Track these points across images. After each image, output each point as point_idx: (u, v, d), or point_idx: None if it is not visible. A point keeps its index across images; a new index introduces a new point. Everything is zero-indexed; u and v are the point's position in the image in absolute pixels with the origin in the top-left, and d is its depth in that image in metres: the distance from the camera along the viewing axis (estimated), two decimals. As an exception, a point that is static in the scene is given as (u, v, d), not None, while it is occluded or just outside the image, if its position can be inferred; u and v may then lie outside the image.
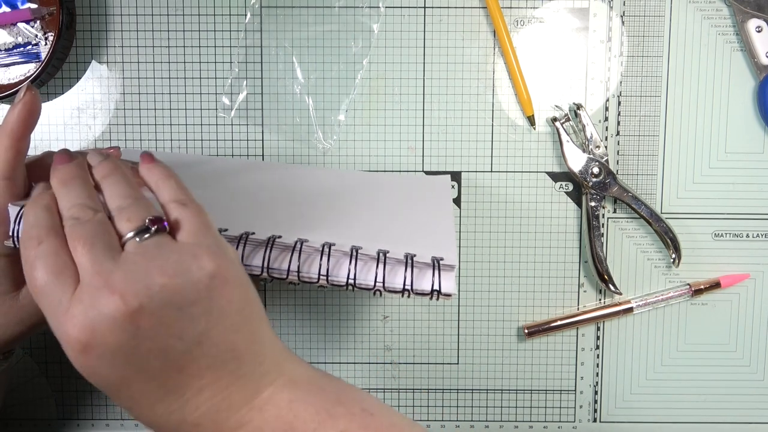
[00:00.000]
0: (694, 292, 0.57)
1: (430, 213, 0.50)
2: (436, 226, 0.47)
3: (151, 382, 0.35)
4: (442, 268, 0.41)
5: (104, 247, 0.35)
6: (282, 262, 0.42)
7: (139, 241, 0.35)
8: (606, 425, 0.59)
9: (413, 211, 0.50)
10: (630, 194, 0.56)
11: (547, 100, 0.57)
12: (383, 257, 0.41)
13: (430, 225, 0.48)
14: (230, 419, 0.36)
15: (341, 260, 0.42)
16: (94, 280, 0.34)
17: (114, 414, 0.59)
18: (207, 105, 0.57)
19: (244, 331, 0.37)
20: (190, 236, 0.36)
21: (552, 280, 0.58)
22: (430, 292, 0.41)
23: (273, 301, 0.59)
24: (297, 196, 0.51)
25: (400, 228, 0.47)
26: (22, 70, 0.54)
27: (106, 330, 0.33)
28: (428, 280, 0.41)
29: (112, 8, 0.56)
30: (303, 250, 0.42)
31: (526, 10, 0.56)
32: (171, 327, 0.34)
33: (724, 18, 0.56)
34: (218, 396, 0.36)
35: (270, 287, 0.59)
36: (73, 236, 0.35)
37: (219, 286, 0.35)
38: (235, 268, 0.37)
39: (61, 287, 0.34)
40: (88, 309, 0.33)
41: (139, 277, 0.34)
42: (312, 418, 0.37)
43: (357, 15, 0.56)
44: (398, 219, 0.48)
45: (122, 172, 0.40)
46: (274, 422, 0.37)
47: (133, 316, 0.33)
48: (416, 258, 0.41)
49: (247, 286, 0.38)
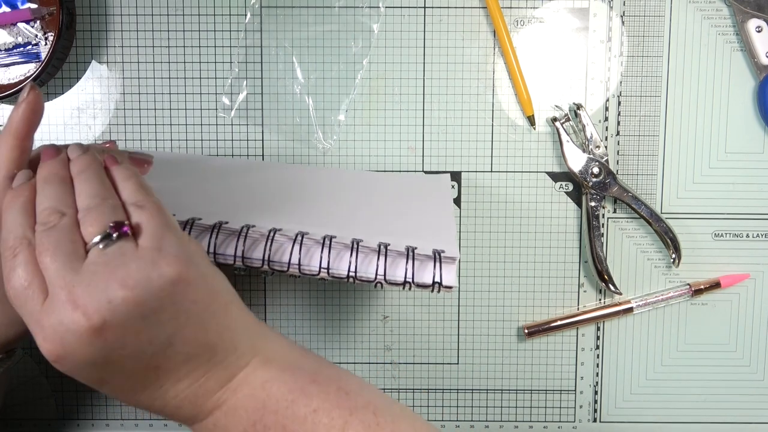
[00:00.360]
0: (694, 292, 0.57)
1: (430, 208, 0.50)
2: (437, 220, 0.47)
3: (129, 379, 0.36)
4: (443, 260, 0.41)
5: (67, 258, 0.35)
6: (283, 254, 0.42)
7: (102, 248, 0.35)
8: (606, 425, 0.59)
9: (413, 206, 0.50)
10: (630, 194, 0.56)
11: (547, 100, 0.57)
12: (384, 249, 0.41)
13: (431, 219, 0.48)
14: (208, 402, 0.38)
15: (342, 253, 0.42)
16: (59, 293, 0.34)
17: (114, 414, 0.59)
18: (207, 105, 0.57)
19: (213, 324, 0.37)
20: (148, 240, 0.36)
21: (552, 280, 0.58)
22: (432, 285, 0.41)
23: (273, 301, 0.59)
24: (297, 192, 0.51)
25: (401, 222, 0.47)
26: (22, 70, 0.54)
27: (74, 344, 0.34)
28: (429, 272, 0.41)
29: (112, 8, 0.56)
30: (304, 242, 0.42)
31: (526, 10, 0.56)
32: (139, 335, 0.35)
33: (724, 18, 0.56)
34: (195, 384, 0.38)
35: (270, 287, 0.59)
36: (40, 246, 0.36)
37: (182, 290, 0.36)
38: (195, 267, 0.37)
39: (33, 298, 0.35)
40: (56, 323, 0.34)
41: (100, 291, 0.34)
42: (285, 397, 0.38)
43: (357, 15, 0.56)
44: (399, 214, 0.49)
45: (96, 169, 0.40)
46: (247, 401, 0.38)
47: (98, 332, 0.34)
48: (417, 250, 0.41)
49: (212, 279, 0.38)
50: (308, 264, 0.42)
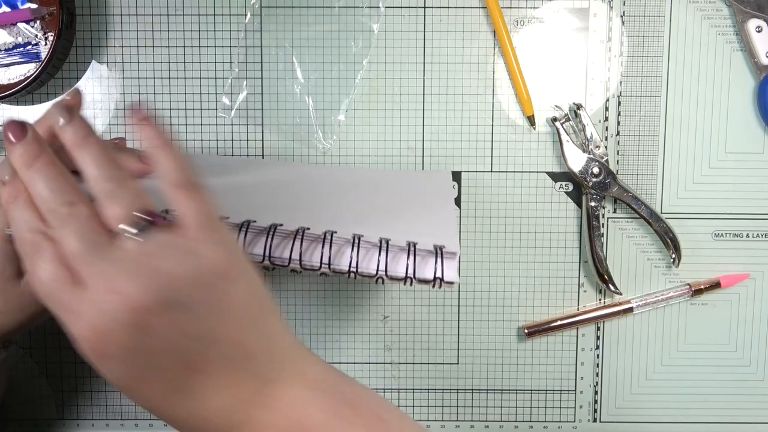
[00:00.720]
0: (694, 292, 0.57)
1: (431, 204, 0.50)
2: (438, 217, 0.47)
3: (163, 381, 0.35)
4: (444, 255, 0.41)
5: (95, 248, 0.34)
6: (284, 250, 0.41)
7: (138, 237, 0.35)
8: (606, 425, 0.59)
9: (414, 202, 0.50)
10: (630, 194, 0.56)
11: (547, 100, 0.57)
12: (385, 245, 0.41)
13: (432, 215, 0.47)
14: (237, 415, 0.36)
15: (343, 248, 0.42)
16: (96, 282, 0.34)
17: (114, 414, 0.59)
18: (207, 105, 0.57)
19: (253, 328, 0.36)
20: (192, 230, 0.35)
21: (552, 280, 0.58)
22: (433, 280, 0.41)
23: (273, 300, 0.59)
24: (298, 189, 0.51)
25: (402, 218, 0.47)
26: (22, 70, 0.54)
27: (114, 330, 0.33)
28: (431, 267, 0.41)
29: (112, 8, 0.56)
30: (305, 237, 0.42)
31: (526, 10, 0.56)
32: (177, 326, 0.34)
33: (724, 18, 0.56)
34: (227, 392, 0.36)
35: (270, 287, 0.59)
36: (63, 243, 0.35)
37: (223, 286, 0.35)
38: (240, 263, 0.36)
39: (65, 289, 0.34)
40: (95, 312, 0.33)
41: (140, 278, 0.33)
42: (320, 419, 0.36)
43: (357, 15, 0.56)
44: (399, 210, 0.48)
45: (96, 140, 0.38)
46: (279, 420, 0.36)
47: (139, 317, 0.33)
48: (418, 246, 0.41)
49: (255, 281, 0.37)
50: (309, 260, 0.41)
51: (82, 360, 0.34)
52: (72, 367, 0.59)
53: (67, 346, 0.58)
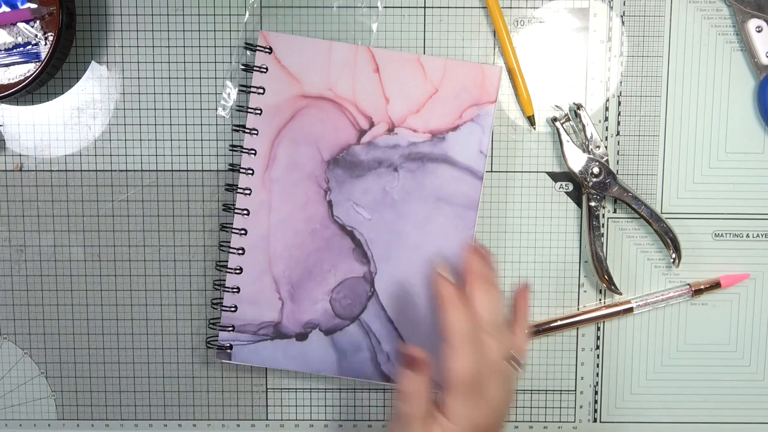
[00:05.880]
0: (694, 292, 0.57)
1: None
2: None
3: None
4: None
5: None
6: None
7: None
8: (606, 425, 0.59)
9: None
10: (630, 194, 0.56)
11: (547, 100, 0.57)
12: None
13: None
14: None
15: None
16: None
17: (114, 414, 0.59)
18: (207, 105, 0.57)
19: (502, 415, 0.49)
20: None
21: (552, 280, 0.58)
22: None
23: (273, 301, 0.59)
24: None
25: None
26: (22, 70, 0.54)
27: None
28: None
29: (112, 8, 0.56)
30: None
31: (526, 10, 0.56)
32: None
33: (724, 18, 0.56)
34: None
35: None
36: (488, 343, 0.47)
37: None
38: None
39: None
40: None
41: None
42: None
43: (356, 15, 0.56)
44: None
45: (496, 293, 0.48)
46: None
47: None
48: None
49: None
50: None
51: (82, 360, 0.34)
52: (72, 367, 0.59)
53: (67, 346, 0.58)
